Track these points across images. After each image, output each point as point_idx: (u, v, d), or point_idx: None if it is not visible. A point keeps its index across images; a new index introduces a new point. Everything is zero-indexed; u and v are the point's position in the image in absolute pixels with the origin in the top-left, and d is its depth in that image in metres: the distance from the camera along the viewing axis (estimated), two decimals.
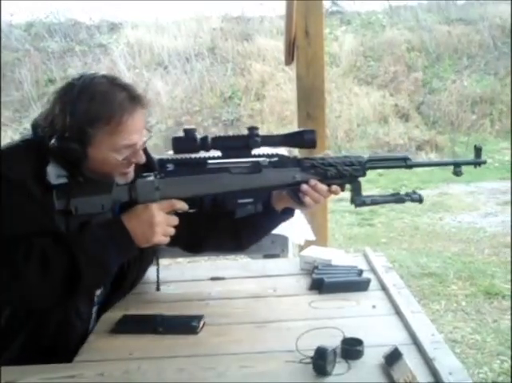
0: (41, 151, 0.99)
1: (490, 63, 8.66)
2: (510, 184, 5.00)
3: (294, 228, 1.85)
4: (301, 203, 1.07)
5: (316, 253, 1.32)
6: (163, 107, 8.49)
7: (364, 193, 1.08)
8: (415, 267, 3.48)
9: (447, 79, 8.47)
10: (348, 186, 1.10)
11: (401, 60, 8.78)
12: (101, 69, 8.60)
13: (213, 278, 1.29)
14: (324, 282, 1.17)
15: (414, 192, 1.07)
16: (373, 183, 6.35)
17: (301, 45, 2.17)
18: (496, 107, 8.07)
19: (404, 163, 1.06)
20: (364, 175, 1.06)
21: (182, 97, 8.59)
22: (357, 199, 1.06)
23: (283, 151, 1.32)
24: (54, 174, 0.99)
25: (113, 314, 1.11)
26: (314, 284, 1.19)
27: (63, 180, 1.00)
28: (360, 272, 1.23)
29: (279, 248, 1.85)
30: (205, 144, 1.02)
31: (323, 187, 1.05)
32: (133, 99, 1.01)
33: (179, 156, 1.04)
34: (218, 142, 1.03)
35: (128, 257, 1.05)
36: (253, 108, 8.44)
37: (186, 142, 1.02)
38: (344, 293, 1.16)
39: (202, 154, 1.06)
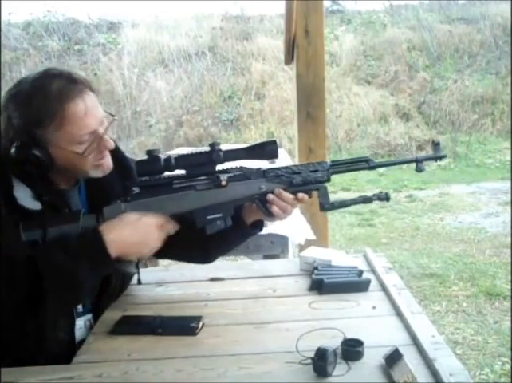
0: (5, 170, 0.96)
1: (491, 62, 8.64)
2: (510, 184, 4.99)
3: (294, 228, 1.85)
4: (269, 214, 1.08)
5: (316, 253, 1.31)
6: (163, 106, 8.49)
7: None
8: (415, 268, 3.48)
9: (448, 78, 8.46)
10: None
11: (402, 59, 8.77)
12: (100, 68, 8.61)
13: (212, 279, 1.29)
14: (324, 283, 1.16)
15: (381, 192, 1.10)
16: (374, 184, 6.34)
17: (301, 44, 2.16)
18: (497, 106, 8.06)
19: (367, 164, 1.08)
20: (328, 180, 1.08)
21: (182, 97, 8.58)
22: (325, 203, 1.08)
23: (286, 157, 1.32)
24: (23, 195, 0.96)
25: (112, 315, 1.10)
26: (314, 285, 1.19)
27: (36, 204, 0.97)
28: (360, 273, 1.23)
29: (279, 248, 1.85)
30: (169, 165, 1.02)
31: (288, 195, 1.06)
32: (71, 83, 0.96)
33: (145, 179, 1.03)
34: (182, 161, 1.03)
35: (103, 272, 0.99)
36: (253, 107, 8.43)
37: (150, 165, 1.02)
38: (344, 293, 1.15)
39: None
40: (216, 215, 1.04)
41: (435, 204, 5.05)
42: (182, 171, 1.05)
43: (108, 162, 1.04)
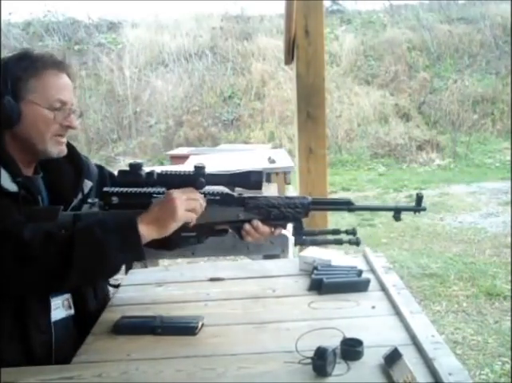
0: None
1: (491, 62, 8.65)
2: (510, 184, 4.99)
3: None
4: (242, 239, 1.10)
5: (315, 253, 1.31)
6: (163, 106, 8.49)
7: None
8: (415, 268, 3.48)
9: (448, 78, 8.47)
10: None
11: (402, 59, 8.78)
12: (101, 68, 8.62)
13: (212, 279, 1.29)
14: (323, 283, 1.17)
15: (354, 233, 1.09)
16: (374, 184, 6.34)
17: (301, 44, 2.15)
18: (497, 106, 8.06)
19: (347, 206, 1.09)
20: (306, 216, 1.09)
21: (182, 97, 8.59)
22: (297, 239, 1.10)
23: (286, 157, 1.31)
24: (2, 176, 0.99)
25: (112, 315, 1.11)
26: (314, 284, 1.19)
27: (12, 186, 0.99)
28: (360, 272, 1.23)
29: (279, 248, 1.85)
30: (150, 179, 1.03)
31: (265, 228, 1.08)
32: (59, 63, 1.06)
33: (125, 190, 1.05)
34: (164, 178, 1.04)
35: (132, 256, 1.01)
36: (253, 107, 8.44)
37: (131, 176, 1.03)
38: (344, 293, 1.15)
39: None
40: (190, 233, 1.05)
41: (435, 204, 5.05)
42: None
43: (64, 147, 1.07)
